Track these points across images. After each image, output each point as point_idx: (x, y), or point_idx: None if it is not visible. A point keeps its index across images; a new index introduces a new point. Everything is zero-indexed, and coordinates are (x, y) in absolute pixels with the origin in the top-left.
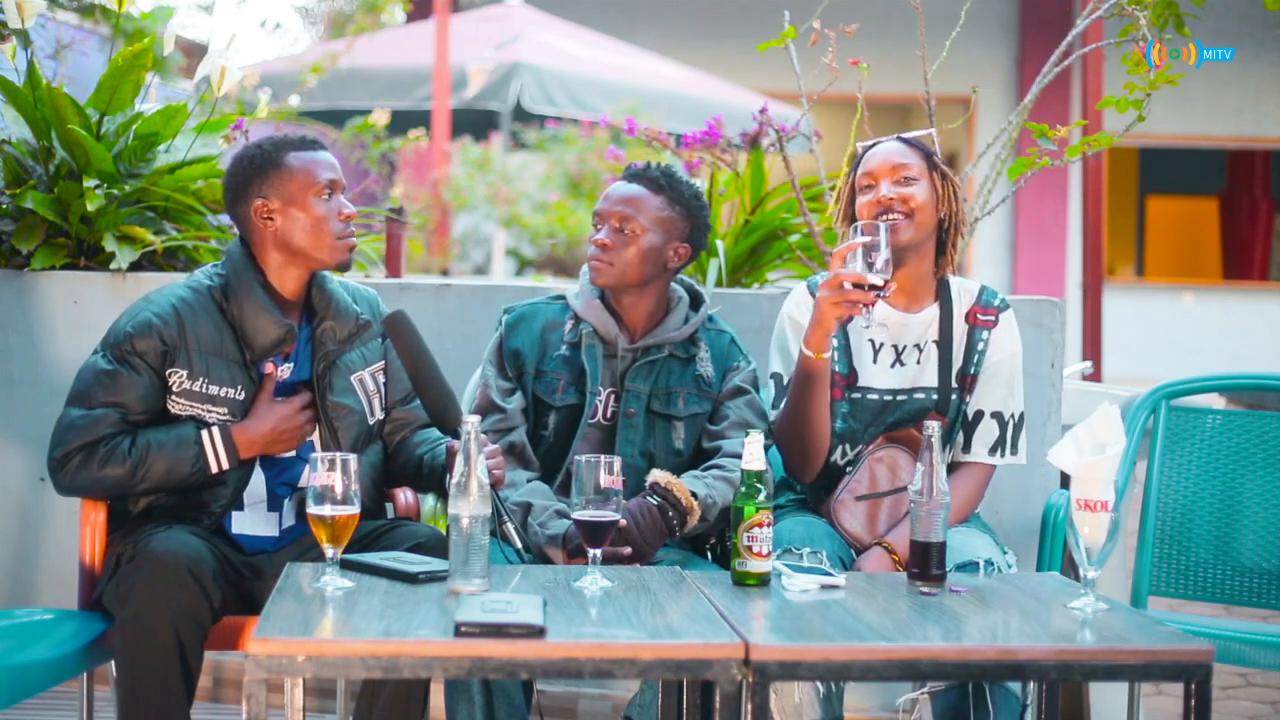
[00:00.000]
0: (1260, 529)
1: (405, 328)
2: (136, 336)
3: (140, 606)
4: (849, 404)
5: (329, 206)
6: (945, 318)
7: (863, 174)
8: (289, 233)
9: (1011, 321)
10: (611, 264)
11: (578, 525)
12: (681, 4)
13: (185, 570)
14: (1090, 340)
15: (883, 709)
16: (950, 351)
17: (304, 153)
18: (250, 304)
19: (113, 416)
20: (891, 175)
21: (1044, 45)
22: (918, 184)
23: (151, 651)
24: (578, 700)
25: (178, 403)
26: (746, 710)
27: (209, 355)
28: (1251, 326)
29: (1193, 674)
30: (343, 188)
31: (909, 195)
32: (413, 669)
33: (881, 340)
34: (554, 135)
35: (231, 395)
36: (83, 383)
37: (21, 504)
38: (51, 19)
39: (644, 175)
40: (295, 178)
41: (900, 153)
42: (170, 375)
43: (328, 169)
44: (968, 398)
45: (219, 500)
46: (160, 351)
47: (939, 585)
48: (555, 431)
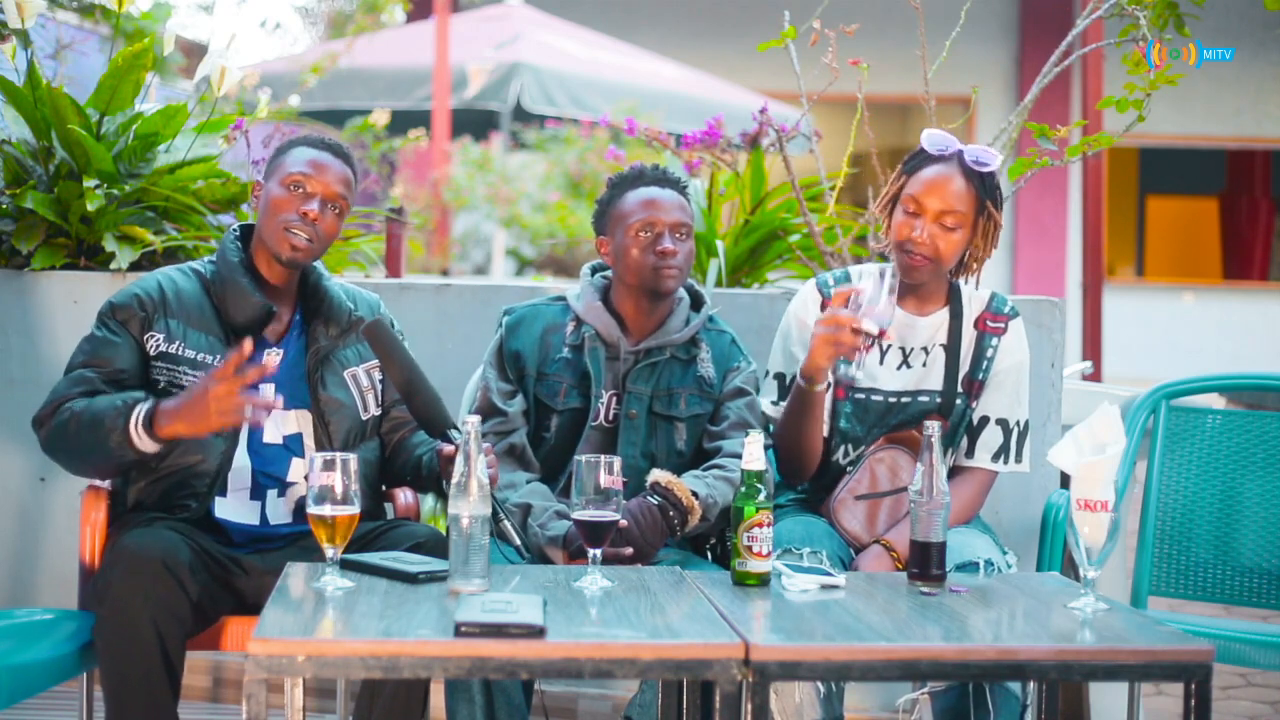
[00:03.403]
0: (1260, 529)
1: (385, 336)
2: (118, 306)
3: (118, 603)
4: (853, 404)
5: (289, 197)
6: (954, 322)
7: (914, 191)
8: (260, 213)
9: (1021, 329)
10: (681, 271)
11: (578, 525)
12: (681, 4)
13: (159, 563)
14: (1090, 340)
15: (883, 709)
16: (957, 356)
17: (309, 149)
18: (232, 283)
19: (91, 377)
20: (937, 217)
21: (1044, 45)
22: (957, 231)
23: (133, 647)
24: (578, 700)
25: (156, 367)
26: (746, 710)
27: (188, 326)
28: (1251, 326)
29: (1193, 674)
30: (329, 194)
31: (942, 244)
32: (413, 669)
33: (888, 341)
34: (554, 135)
35: (211, 362)
36: (71, 356)
37: (21, 504)
38: (51, 19)
39: (672, 181)
40: (281, 165)
41: (957, 195)
42: (148, 340)
43: (312, 167)
44: (974, 403)
45: (202, 481)
46: (140, 318)
47: (939, 585)
48: (557, 434)
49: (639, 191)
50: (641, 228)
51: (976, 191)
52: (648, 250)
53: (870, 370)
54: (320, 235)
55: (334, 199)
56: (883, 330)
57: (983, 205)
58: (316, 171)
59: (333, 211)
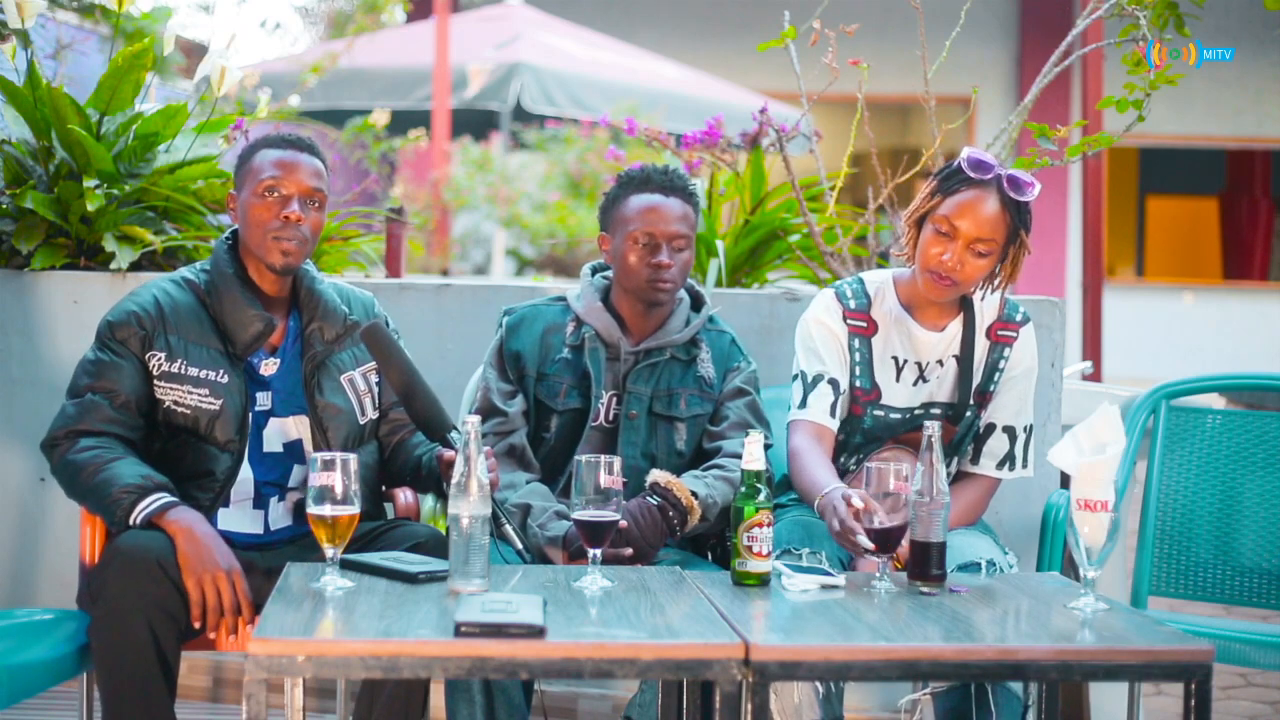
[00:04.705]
0: (1260, 529)
1: (383, 340)
2: (117, 325)
3: (113, 603)
4: (872, 419)
5: (268, 204)
6: (968, 333)
7: (948, 213)
8: (242, 225)
9: (1030, 336)
10: (675, 284)
11: (578, 525)
12: (681, 4)
13: (154, 562)
14: (1090, 340)
15: (883, 709)
16: (970, 367)
17: (273, 150)
18: (229, 297)
19: (101, 403)
20: (970, 243)
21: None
22: (987, 258)
23: (127, 646)
24: (578, 700)
25: (160, 387)
26: (746, 710)
27: (188, 341)
28: (1251, 326)
29: (1193, 674)
30: (303, 190)
31: (969, 270)
32: (413, 669)
33: (905, 357)
34: (554, 135)
35: (213, 378)
36: (74, 376)
37: (21, 504)
38: (51, 19)
39: (679, 189)
40: (251, 171)
41: (992, 223)
42: (150, 359)
43: (280, 168)
44: (982, 413)
45: (206, 494)
46: (140, 337)
47: (939, 585)
48: (557, 434)
49: (643, 198)
50: (639, 237)
51: (1011, 218)
52: (643, 260)
53: (886, 388)
54: (307, 234)
55: (310, 194)
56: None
57: (1015, 233)
58: (286, 171)
59: (312, 206)
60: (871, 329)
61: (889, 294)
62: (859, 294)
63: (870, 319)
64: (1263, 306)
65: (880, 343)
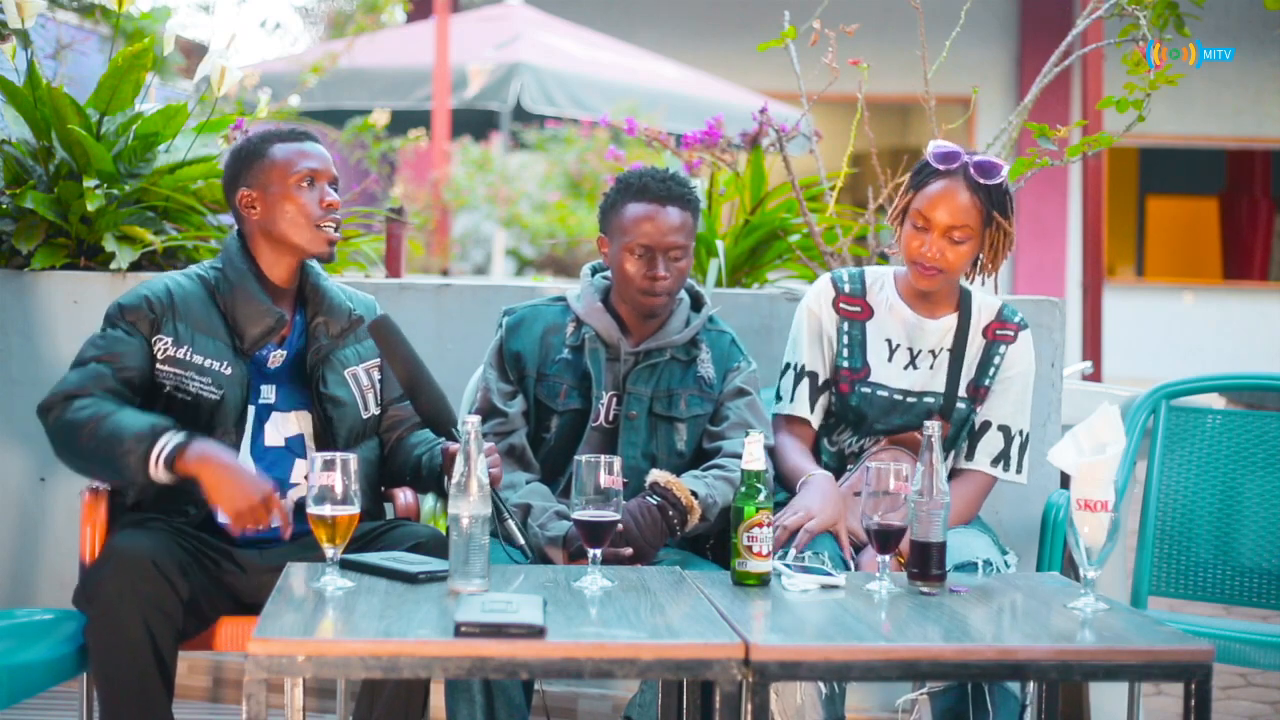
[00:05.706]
0: (1260, 529)
1: (391, 333)
2: (128, 308)
3: (108, 603)
4: (859, 397)
5: (309, 195)
6: (961, 328)
7: (921, 207)
8: (271, 221)
9: (1029, 341)
10: (670, 294)
11: (578, 525)
12: (681, 4)
13: (149, 562)
14: (1090, 340)
15: (883, 709)
16: (961, 361)
17: (288, 143)
18: (242, 292)
19: (105, 371)
20: (945, 232)
21: (1044, 45)
22: (966, 244)
23: (124, 646)
24: (578, 700)
25: (162, 372)
26: (746, 710)
27: (196, 330)
28: (1251, 326)
29: (1193, 674)
30: (329, 177)
31: (951, 256)
32: (413, 669)
33: (898, 341)
34: (554, 135)
35: (218, 368)
36: (80, 351)
37: (21, 504)
38: (51, 19)
39: (678, 196)
40: (276, 166)
41: (963, 210)
42: (156, 343)
43: (310, 158)
44: (978, 408)
45: None
46: (150, 319)
47: (939, 585)
48: (557, 435)
49: (641, 206)
50: (636, 248)
51: (982, 203)
52: (639, 270)
53: (877, 366)
54: (339, 219)
55: (334, 180)
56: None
57: (989, 216)
58: (316, 160)
59: (335, 190)
60: (866, 313)
61: (888, 284)
62: (855, 280)
63: (865, 304)
64: (1263, 306)
65: (874, 326)
